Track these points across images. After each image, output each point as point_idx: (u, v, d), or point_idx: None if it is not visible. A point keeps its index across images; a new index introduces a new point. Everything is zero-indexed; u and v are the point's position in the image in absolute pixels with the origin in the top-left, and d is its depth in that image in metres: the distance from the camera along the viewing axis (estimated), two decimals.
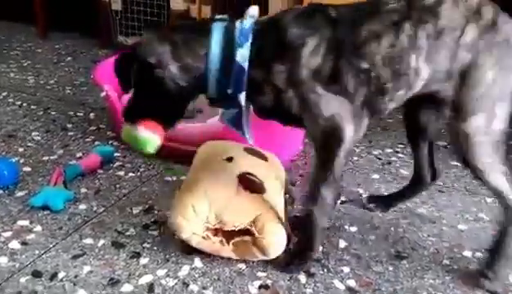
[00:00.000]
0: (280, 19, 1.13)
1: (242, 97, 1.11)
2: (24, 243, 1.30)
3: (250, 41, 1.10)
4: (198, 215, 1.19)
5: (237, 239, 1.20)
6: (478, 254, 1.31)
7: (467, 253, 1.32)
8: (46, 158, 1.76)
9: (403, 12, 1.10)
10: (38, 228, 1.37)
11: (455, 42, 1.09)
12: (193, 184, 1.27)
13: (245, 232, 1.20)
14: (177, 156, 1.69)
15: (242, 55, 1.09)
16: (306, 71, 1.09)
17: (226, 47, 1.11)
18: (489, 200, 1.58)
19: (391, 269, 1.25)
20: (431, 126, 1.34)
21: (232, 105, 1.15)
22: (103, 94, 1.84)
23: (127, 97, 1.83)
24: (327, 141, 1.13)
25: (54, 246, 1.29)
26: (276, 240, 1.18)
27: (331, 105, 1.11)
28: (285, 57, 1.10)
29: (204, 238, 1.21)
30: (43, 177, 1.62)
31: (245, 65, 1.09)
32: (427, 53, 1.09)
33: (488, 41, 1.09)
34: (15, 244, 1.30)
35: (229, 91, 1.12)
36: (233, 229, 1.19)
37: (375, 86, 1.10)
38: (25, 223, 1.39)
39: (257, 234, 1.18)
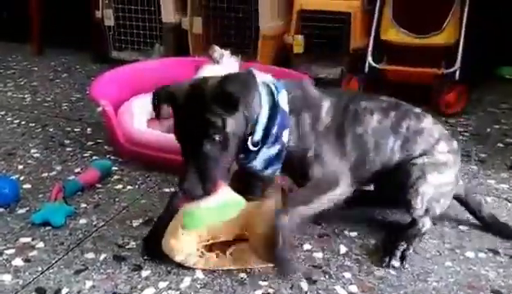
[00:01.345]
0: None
1: (286, 133, 1.24)
2: (27, 260, 1.30)
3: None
4: (190, 234, 1.19)
5: (233, 248, 1.20)
6: (481, 254, 1.31)
7: (469, 254, 1.32)
8: (45, 175, 1.76)
9: (392, 104, 1.37)
10: (41, 244, 1.37)
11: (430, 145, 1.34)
12: None
13: (240, 240, 1.20)
14: (174, 167, 1.69)
15: (282, 100, 1.24)
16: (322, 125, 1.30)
17: (269, 97, 1.25)
18: (489, 199, 1.59)
19: (393, 273, 1.25)
20: None
21: (273, 144, 1.24)
22: (99, 109, 1.84)
23: (125, 112, 1.87)
24: (323, 187, 1.26)
25: (56, 262, 1.29)
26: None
27: (335, 161, 1.28)
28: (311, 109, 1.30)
29: (199, 256, 1.21)
30: (43, 194, 1.62)
31: (287, 108, 1.25)
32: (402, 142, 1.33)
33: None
34: (18, 261, 1.30)
35: (273, 131, 1.22)
36: (227, 239, 1.19)
37: (361, 153, 1.31)
38: (27, 240, 1.38)
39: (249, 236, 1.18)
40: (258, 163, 1.26)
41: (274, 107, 1.23)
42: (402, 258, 1.28)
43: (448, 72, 2.38)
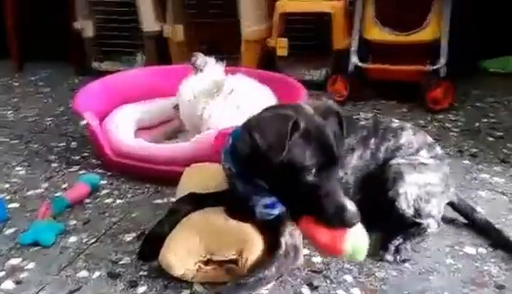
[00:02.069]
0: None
1: None
2: (18, 282, 1.25)
3: None
4: (189, 251, 1.16)
5: (230, 266, 1.17)
6: (481, 250, 1.30)
7: (469, 250, 1.31)
8: (31, 193, 1.71)
9: (371, 128, 1.36)
10: (31, 265, 1.31)
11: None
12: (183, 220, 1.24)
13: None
14: (165, 178, 1.67)
15: None
16: None
17: None
18: (484, 194, 1.59)
19: (394, 273, 1.23)
20: None
21: None
22: (83, 123, 1.79)
23: (111, 124, 1.82)
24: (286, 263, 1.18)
25: (49, 283, 1.24)
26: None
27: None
28: None
29: (197, 270, 1.18)
30: (31, 212, 1.57)
31: None
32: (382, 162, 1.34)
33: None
34: (9, 284, 1.24)
35: None
36: (223, 259, 1.16)
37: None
38: (17, 261, 1.33)
39: (242, 267, 1.15)
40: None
41: None
42: (397, 252, 1.27)
43: (433, 68, 2.39)
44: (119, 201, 1.63)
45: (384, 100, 2.55)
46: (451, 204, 1.42)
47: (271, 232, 1.19)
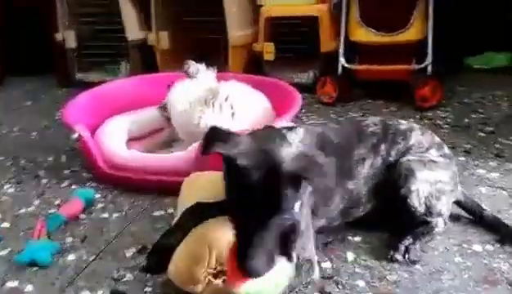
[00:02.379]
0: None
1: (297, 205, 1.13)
2: None
3: None
4: (199, 263, 1.12)
5: None
6: (488, 247, 1.31)
7: (477, 248, 1.31)
8: (23, 211, 1.64)
9: (380, 134, 1.35)
10: (30, 287, 1.25)
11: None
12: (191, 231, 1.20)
13: None
14: (161, 189, 1.63)
15: None
16: None
17: None
18: (483, 190, 1.60)
19: (406, 275, 1.22)
20: None
21: None
22: (75, 136, 1.74)
23: (103, 136, 1.77)
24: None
25: None
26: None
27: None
28: None
29: (207, 283, 1.14)
30: (25, 232, 1.51)
31: None
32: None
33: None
34: None
35: None
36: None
37: (353, 201, 1.32)
38: (15, 284, 1.27)
39: None
40: None
41: None
42: (407, 252, 1.26)
43: (420, 67, 2.41)
44: (115, 215, 1.59)
45: (372, 100, 2.56)
46: (457, 202, 1.41)
47: (282, 245, 1.16)
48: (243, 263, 1.00)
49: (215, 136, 1.07)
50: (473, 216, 1.43)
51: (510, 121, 2.20)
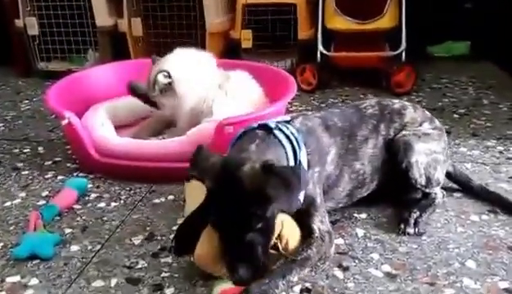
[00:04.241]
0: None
1: (301, 195, 1.16)
2: None
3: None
4: None
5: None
6: (484, 216, 1.39)
7: (474, 218, 1.39)
8: (9, 204, 1.55)
9: (378, 114, 1.41)
10: (34, 281, 1.19)
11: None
12: None
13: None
14: (157, 176, 1.60)
15: (303, 158, 1.21)
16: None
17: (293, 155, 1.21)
18: (469, 166, 1.70)
19: (415, 246, 1.28)
20: None
21: None
22: (64, 122, 1.65)
23: (90, 123, 1.69)
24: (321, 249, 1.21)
25: None
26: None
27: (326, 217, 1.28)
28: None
29: None
30: (15, 225, 1.43)
31: (306, 167, 1.21)
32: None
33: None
34: None
35: None
36: None
37: (359, 181, 1.36)
38: (16, 279, 1.20)
39: (282, 250, 1.14)
40: None
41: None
42: (415, 225, 1.32)
43: (395, 53, 2.51)
44: (113, 204, 1.54)
45: (350, 87, 2.63)
46: (447, 174, 1.50)
47: (301, 220, 1.19)
48: (232, 277, 1.02)
49: (196, 159, 1.12)
50: (462, 187, 1.52)
51: (479, 103, 2.34)
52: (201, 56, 1.81)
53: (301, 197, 1.15)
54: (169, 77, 1.72)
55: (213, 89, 1.71)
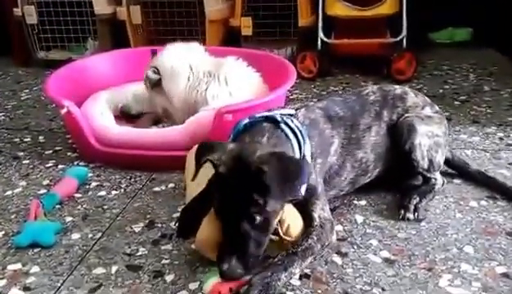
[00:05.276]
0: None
1: (303, 188, 1.12)
2: (26, 289, 1.14)
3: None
4: None
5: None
6: (483, 202, 1.40)
7: (473, 204, 1.40)
8: (10, 193, 1.56)
9: (381, 100, 1.40)
10: (35, 268, 1.20)
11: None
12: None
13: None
14: (156, 165, 1.60)
15: (307, 151, 1.21)
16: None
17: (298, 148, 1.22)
18: (469, 153, 1.69)
19: (414, 232, 1.28)
20: None
21: None
22: (63, 111, 1.65)
23: (90, 112, 1.69)
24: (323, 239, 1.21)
25: (63, 284, 1.15)
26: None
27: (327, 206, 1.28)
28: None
29: None
30: (16, 214, 1.44)
31: (310, 160, 1.22)
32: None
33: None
34: (15, 292, 1.13)
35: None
36: None
37: (362, 169, 1.37)
38: (17, 266, 1.21)
39: (283, 235, 1.15)
40: None
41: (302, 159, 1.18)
42: (415, 211, 1.33)
43: (396, 40, 2.49)
44: (114, 192, 1.54)
45: (351, 75, 2.62)
46: (446, 161, 1.49)
47: (302, 208, 1.19)
48: (218, 265, 1.03)
49: (205, 149, 1.11)
50: (460, 173, 1.52)
51: (479, 90, 2.33)
52: (190, 47, 1.80)
53: (303, 190, 1.15)
54: (158, 73, 1.73)
55: (204, 78, 1.70)
